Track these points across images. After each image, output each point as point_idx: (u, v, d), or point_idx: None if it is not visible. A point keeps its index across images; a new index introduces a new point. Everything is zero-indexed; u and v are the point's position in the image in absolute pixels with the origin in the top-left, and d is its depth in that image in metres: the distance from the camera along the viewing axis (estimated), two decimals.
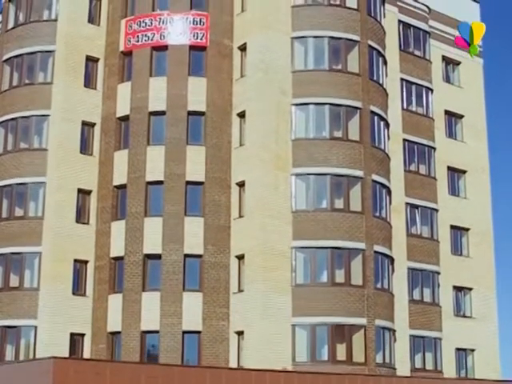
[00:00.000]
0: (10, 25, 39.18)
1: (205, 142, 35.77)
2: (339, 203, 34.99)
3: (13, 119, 37.35)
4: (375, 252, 35.02)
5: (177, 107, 35.83)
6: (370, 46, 37.10)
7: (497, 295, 42.30)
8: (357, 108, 35.95)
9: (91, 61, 37.75)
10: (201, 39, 36.62)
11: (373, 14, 37.86)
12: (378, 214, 35.75)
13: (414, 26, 41.79)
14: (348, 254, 34.45)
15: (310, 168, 34.86)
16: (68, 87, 36.88)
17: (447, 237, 40.99)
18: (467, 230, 42.09)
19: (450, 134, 42.95)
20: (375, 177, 35.87)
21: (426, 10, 42.41)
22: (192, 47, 36.58)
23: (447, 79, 43.66)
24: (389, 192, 37.10)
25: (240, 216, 35.09)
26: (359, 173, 35.28)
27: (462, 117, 43.49)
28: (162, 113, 35.87)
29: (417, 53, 41.85)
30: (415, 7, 41.89)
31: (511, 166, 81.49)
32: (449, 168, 42.10)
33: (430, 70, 42.05)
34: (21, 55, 37.99)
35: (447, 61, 43.78)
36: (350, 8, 36.94)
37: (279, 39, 36.01)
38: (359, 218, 34.86)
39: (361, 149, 35.62)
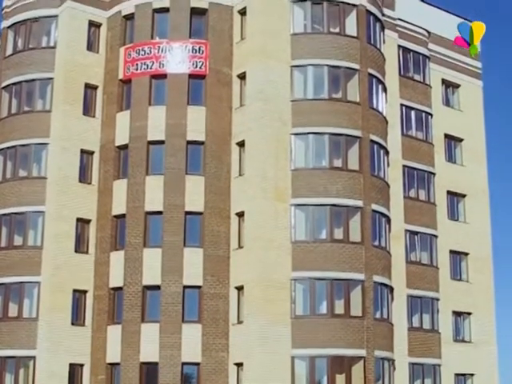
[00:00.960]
0: (9, 51, 39.13)
1: (204, 171, 35.66)
2: (338, 234, 34.88)
3: (12, 147, 37.38)
4: (375, 282, 34.92)
5: (176, 136, 35.71)
6: (369, 74, 36.97)
7: (496, 320, 42.31)
8: (357, 137, 35.85)
9: (90, 88, 37.65)
10: (200, 68, 36.50)
11: (372, 42, 37.73)
12: (377, 244, 35.66)
13: (414, 51, 41.66)
14: (347, 285, 34.36)
15: (309, 198, 34.74)
16: (67, 115, 36.80)
17: (446, 262, 40.93)
18: (467, 254, 42.04)
19: (450, 157, 42.87)
20: (375, 206, 35.78)
21: (426, 34, 42.27)
22: (191, 76, 36.45)
23: (447, 102, 43.55)
24: (388, 221, 37.02)
25: (239, 247, 35.02)
26: (359, 203, 35.19)
27: (461, 140, 43.43)
28: (161, 142, 35.75)
29: (416, 77, 41.75)
30: (415, 32, 41.74)
31: (511, 190, 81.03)
32: (448, 192, 42.01)
33: (429, 94, 41.94)
34: (19, 82, 38.02)
35: (447, 84, 43.68)
36: (349, 36, 36.80)
37: (278, 68, 35.87)
38: (359, 248, 34.77)
39: (360, 178, 35.52)
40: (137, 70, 36.73)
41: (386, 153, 37.66)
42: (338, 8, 37.06)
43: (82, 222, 36.38)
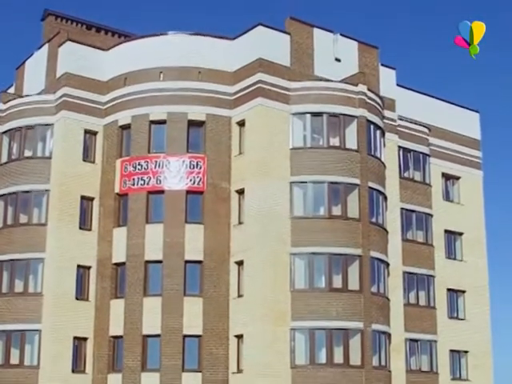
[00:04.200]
0: (4, 158, 38.55)
1: (202, 292, 35.15)
2: (338, 357, 34.42)
3: (8, 261, 36.80)
4: None
5: (173, 256, 35.18)
6: (370, 187, 36.45)
7: None
8: (357, 256, 35.37)
9: (86, 199, 37.07)
10: (198, 184, 35.94)
11: (373, 152, 37.14)
12: (377, 365, 35.26)
13: (414, 150, 41.19)
14: None
15: (308, 322, 34.28)
16: (62, 229, 36.18)
17: (446, 363, 40.71)
18: (466, 352, 41.79)
19: (450, 253, 42.47)
20: (375, 326, 35.33)
21: (426, 131, 41.73)
22: (189, 192, 35.91)
23: (447, 197, 43.11)
24: (389, 336, 36.63)
25: (238, 371, 34.59)
26: (359, 325, 34.73)
27: (461, 234, 43.05)
28: (159, 261, 35.27)
29: (417, 177, 41.27)
30: (416, 130, 41.23)
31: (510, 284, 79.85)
32: (448, 290, 41.71)
33: (430, 194, 41.52)
34: (15, 193, 37.38)
35: (447, 177, 43.30)
36: (349, 149, 36.24)
37: (277, 184, 35.26)
38: (358, 372, 34.35)
39: (361, 298, 35.06)
40: (133, 185, 36.17)
41: (387, 266, 37.22)
42: (337, 119, 36.49)
43: (79, 339, 35.89)
